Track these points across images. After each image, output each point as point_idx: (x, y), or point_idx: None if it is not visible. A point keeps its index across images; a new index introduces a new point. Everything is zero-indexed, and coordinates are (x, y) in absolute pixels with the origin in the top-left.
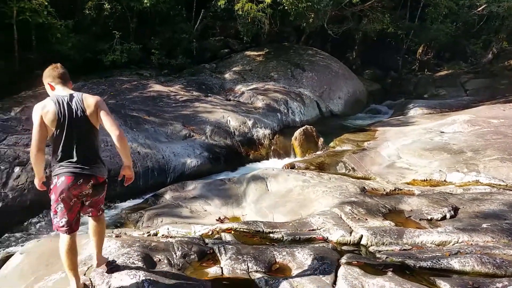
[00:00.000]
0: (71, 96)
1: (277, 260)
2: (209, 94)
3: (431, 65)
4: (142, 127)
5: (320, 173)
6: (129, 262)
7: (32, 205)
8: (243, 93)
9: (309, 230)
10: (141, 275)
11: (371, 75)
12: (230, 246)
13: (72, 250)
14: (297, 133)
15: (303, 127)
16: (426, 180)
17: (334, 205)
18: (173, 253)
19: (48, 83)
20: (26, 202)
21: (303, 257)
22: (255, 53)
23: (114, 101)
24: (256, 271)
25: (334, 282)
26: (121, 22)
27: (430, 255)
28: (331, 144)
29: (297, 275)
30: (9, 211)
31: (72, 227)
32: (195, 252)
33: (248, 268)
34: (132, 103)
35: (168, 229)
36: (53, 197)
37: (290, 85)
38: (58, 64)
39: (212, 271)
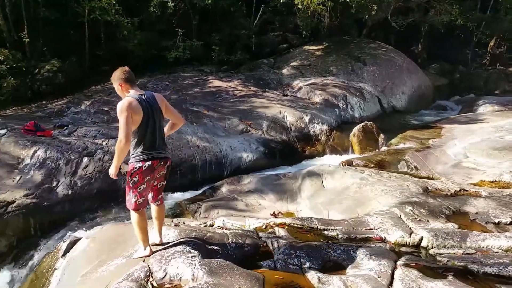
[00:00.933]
0: (146, 94)
1: (331, 257)
2: (266, 89)
3: (504, 59)
4: (201, 121)
5: (380, 171)
6: (186, 250)
7: (99, 194)
8: (300, 88)
9: (366, 229)
10: (196, 264)
11: (437, 69)
12: (283, 241)
13: (144, 223)
14: (356, 129)
15: (363, 123)
16: (495, 181)
17: (393, 205)
18: (227, 244)
19: (119, 84)
20: (93, 190)
21: (358, 257)
22: (314, 47)
23: (176, 96)
24: (309, 268)
25: (390, 284)
26: (184, 19)
27: (496, 261)
28: (393, 141)
29: (352, 274)
30: (77, 198)
31: (145, 205)
32: (248, 245)
33: (301, 264)
34: (193, 98)
35: (223, 221)
36: (135, 179)
37: (350, 80)
38: (126, 68)
39: (265, 264)
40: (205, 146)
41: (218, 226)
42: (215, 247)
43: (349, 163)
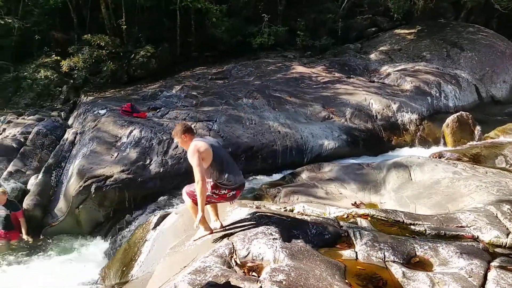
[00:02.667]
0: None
1: (417, 253)
2: (351, 75)
3: None
4: (283, 107)
5: (475, 165)
6: (268, 232)
7: (187, 173)
8: (389, 74)
9: (457, 226)
10: (277, 246)
11: None
12: (366, 232)
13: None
14: (449, 119)
15: (457, 113)
16: None
17: (489, 202)
18: (308, 230)
19: (183, 135)
20: (182, 169)
21: (447, 254)
22: (406, 31)
23: (260, 82)
24: (393, 261)
25: (482, 285)
26: (270, 5)
27: None
28: (491, 134)
29: (439, 272)
30: (168, 176)
31: None
32: (329, 233)
33: (384, 257)
34: (276, 84)
35: (303, 207)
36: (216, 197)
37: (445, 66)
38: (185, 122)
39: (346, 254)
40: (286, 132)
41: (298, 212)
42: (295, 232)
43: (440, 156)
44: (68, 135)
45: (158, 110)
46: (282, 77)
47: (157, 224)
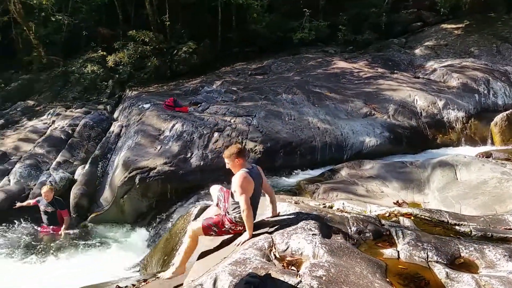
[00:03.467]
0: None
1: (462, 254)
2: (395, 71)
3: None
4: (323, 103)
5: None
6: (307, 228)
7: (225, 167)
8: (435, 70)
9: (505, 228)
10: (317, 242)
11: None
12: (409, 231)
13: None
14: (498, 117)
15: (507, 112)
16: None
17: None
18: (348, 227)
19: (236, 159)
20: (221, 163)
21: (495, 256)
22: (453, 26)
23: (299, 77)
24: (437, 262)
25: None
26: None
27: None
28: None
29: (485, 274)
30: (207, 169)
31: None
32: (370, 231)
33: (427, 257)
34: (316, 79)
35: (343, 204)
36: (223, 230)
37: (494, 63)
38: (239, 145)
39: (388, 252)
40: (326, 128)
41: (338, 209)
42: (335, 229)
43: (488, 155)
44: (114, 127)
45: (199, 105)
46: (322, 72)
47: (198, 215)
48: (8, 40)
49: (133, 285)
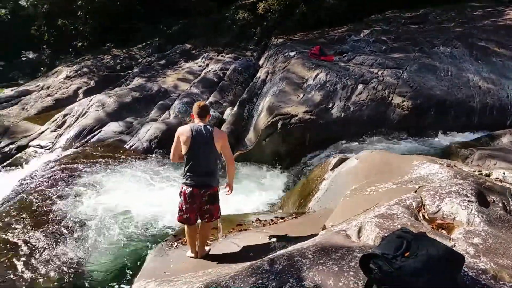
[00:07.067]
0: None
1: None
2: None
3: None
4: (488, 59)
5: None
6: (462, 193)
7: (368, 121)
8: None
9: None
10: (473, 209)
11: None
12: None
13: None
14: None
15: None
16: None
17: None
18: (510, 199)
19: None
20: (363, 116)
21: None
22: None
23: (461, 29)
24: None
25: None
26: None
27: None
28: None
29: None
30: (347, 121)
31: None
32: None
33: None
34: (482, 32)
35: (504, 173)
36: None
37: None
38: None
39: None
40: (489, 88)
41: (496, 178)
42: (494, 199)
43: None
44: (261, 74)
45: (344, 54)
46: (491, 24)
47: (336, 166)
48: None
49: (272, 220)
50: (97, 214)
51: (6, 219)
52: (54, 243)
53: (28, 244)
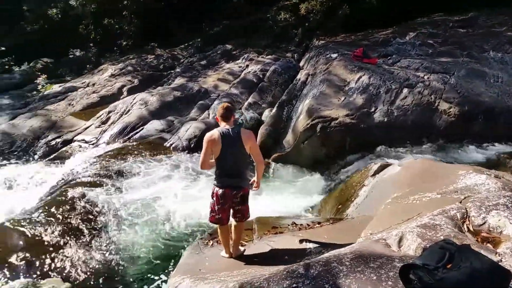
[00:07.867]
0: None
1: None
2: None
3: None
4: None
5: None
6: (511, 206)
7: (413, 126)
8: None
9: None
10: None
11: None
12: None
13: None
14: None
15: None
16: None
17: None
18: None
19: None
20: (407, 122)
21: None
22: None
23: None
24: None
25: None
26: None
27: None
28: None
29: None
30: (391, 127)
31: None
32: None
33: None
34: None
35: None
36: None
37: None
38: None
39: None
40: None
41: None
42: None
43: None
44: (301, 75)
45: (389, 57)
46: None
47: (377, 172)
48: None
49: (308, 225)
50: (137, 209)
51: (50, 210)
52: (95, 236)
53: (68, 237)
